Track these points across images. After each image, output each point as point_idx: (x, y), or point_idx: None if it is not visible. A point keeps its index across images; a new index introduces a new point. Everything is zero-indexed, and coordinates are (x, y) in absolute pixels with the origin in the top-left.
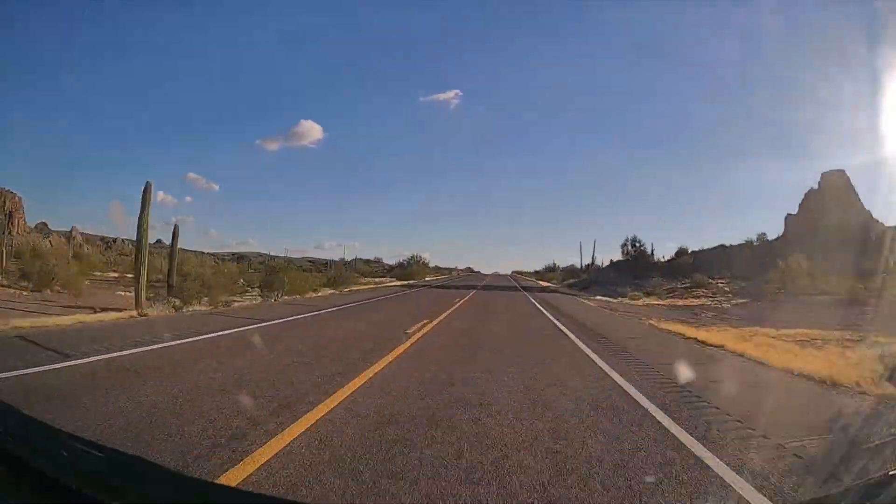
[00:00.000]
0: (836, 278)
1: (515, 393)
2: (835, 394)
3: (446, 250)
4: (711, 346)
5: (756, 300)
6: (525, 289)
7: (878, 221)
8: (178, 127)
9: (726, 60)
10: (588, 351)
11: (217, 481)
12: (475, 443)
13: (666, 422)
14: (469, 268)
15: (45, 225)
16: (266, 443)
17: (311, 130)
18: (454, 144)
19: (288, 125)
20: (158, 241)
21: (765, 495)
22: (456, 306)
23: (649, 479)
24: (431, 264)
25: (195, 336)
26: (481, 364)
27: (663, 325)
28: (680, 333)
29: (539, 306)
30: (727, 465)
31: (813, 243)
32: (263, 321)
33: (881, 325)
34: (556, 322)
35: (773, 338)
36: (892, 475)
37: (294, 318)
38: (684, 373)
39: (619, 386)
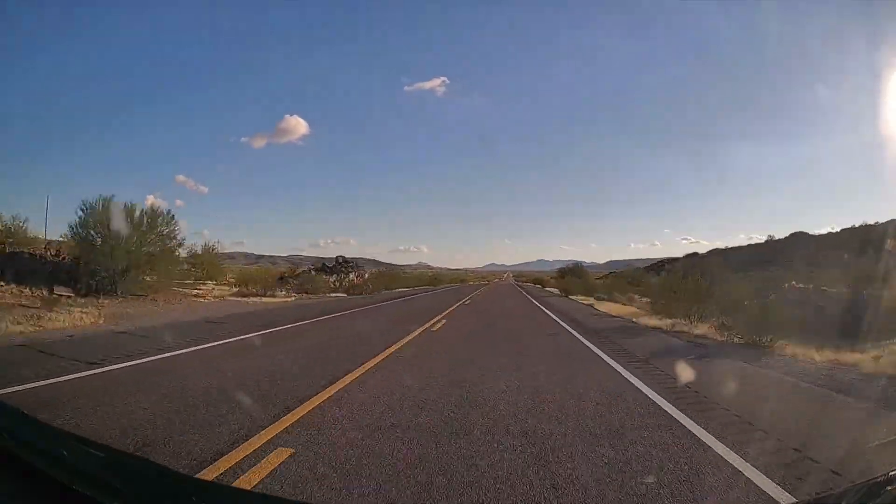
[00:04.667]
0: None
1: None
2: None
3: (442, 243)
4: None
5: None
6: None
7: None
8: (161, 128)
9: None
10: None
11: (217, 481)
12: None
13: None
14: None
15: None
16: None
17: (297, 126)
18: (440, 134)
19: (272, 121)
20: None
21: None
22: None
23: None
24: (427, 260)
25: None
26: None
27: None
28: None
29: None
30: None
31: None
32: None
33: None
34: None
35: None
36: (892, 475)
37: None
38: None
39: None
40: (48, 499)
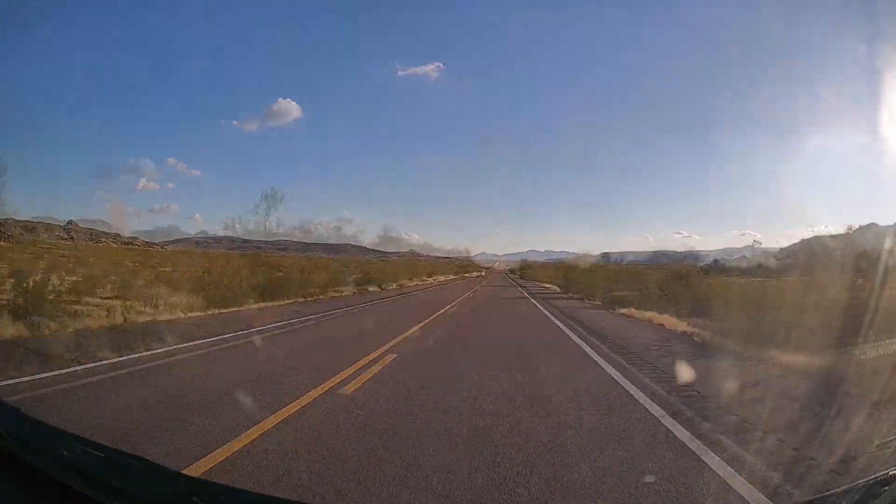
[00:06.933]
0: None
1: None
2: None
3: (433, 231)
4: None
5: None
6: None
7: None
8: (153, 109)
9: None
10: None
11: (217, 481)
12: None
13: None
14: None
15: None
16: None
17: (290, 109)
18: (434, 121)
19: (265, 104)
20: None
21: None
22: None
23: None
24: (417, 248)
25: None
26: None
27: None
28: None
29: None
30: None
31: None
32: None
33: None
34: None
35: None
36: (892, 475)
37: None
38: None
39: None
40: (48, 499)
